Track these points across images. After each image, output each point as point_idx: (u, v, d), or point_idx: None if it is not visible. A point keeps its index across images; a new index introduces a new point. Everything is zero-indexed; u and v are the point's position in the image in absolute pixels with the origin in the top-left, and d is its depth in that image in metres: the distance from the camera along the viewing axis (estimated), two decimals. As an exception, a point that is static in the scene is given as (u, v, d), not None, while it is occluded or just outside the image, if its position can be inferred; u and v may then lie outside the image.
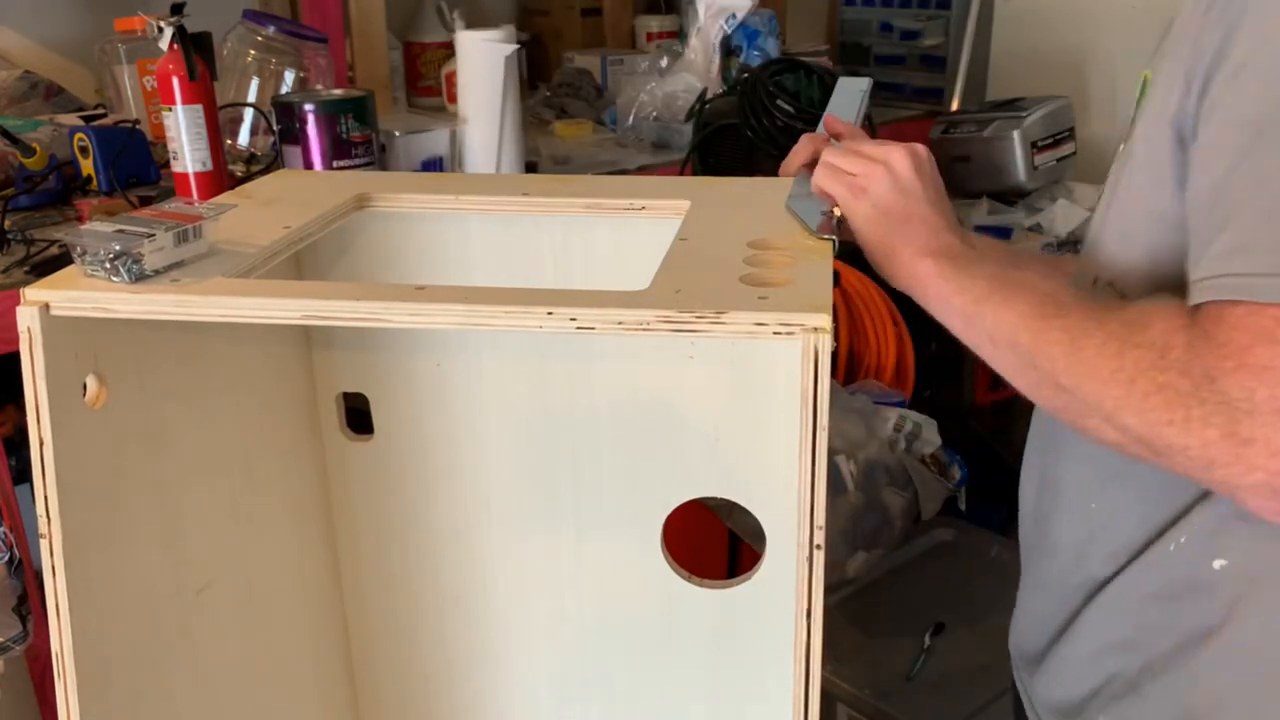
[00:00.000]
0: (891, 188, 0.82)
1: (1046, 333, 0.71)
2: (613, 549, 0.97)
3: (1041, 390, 0.73)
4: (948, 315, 0.78)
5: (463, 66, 1.62)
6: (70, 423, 0.67)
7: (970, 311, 0.76)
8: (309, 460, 0.99)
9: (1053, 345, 0.70)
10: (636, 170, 1.89)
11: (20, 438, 1.42)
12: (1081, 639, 0.86)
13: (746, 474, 0.90)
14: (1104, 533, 0.82)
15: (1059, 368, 0.69)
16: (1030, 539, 0.93)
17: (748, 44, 2.19)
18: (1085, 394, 0.68)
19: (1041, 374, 0.71)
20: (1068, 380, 0.69)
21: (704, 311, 0.61)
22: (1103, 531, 0.83)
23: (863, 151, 0.84)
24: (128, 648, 0.75)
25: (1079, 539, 0.85)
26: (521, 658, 1.04)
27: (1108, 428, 0.68)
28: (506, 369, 0.94)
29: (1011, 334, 0.73)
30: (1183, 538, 0.77)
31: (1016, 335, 0.72)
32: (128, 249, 0.66)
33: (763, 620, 0.93)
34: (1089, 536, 0.84)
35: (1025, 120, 2.07)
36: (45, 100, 1.86)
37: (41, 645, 1.28)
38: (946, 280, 0.77)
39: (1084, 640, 0.86)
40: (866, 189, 0.82)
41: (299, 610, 0.99)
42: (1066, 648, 0.88)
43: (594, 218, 0.88)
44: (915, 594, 1.75)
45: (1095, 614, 0.84)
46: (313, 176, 1.22)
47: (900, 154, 0.83)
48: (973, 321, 0.76)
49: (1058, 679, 0.89)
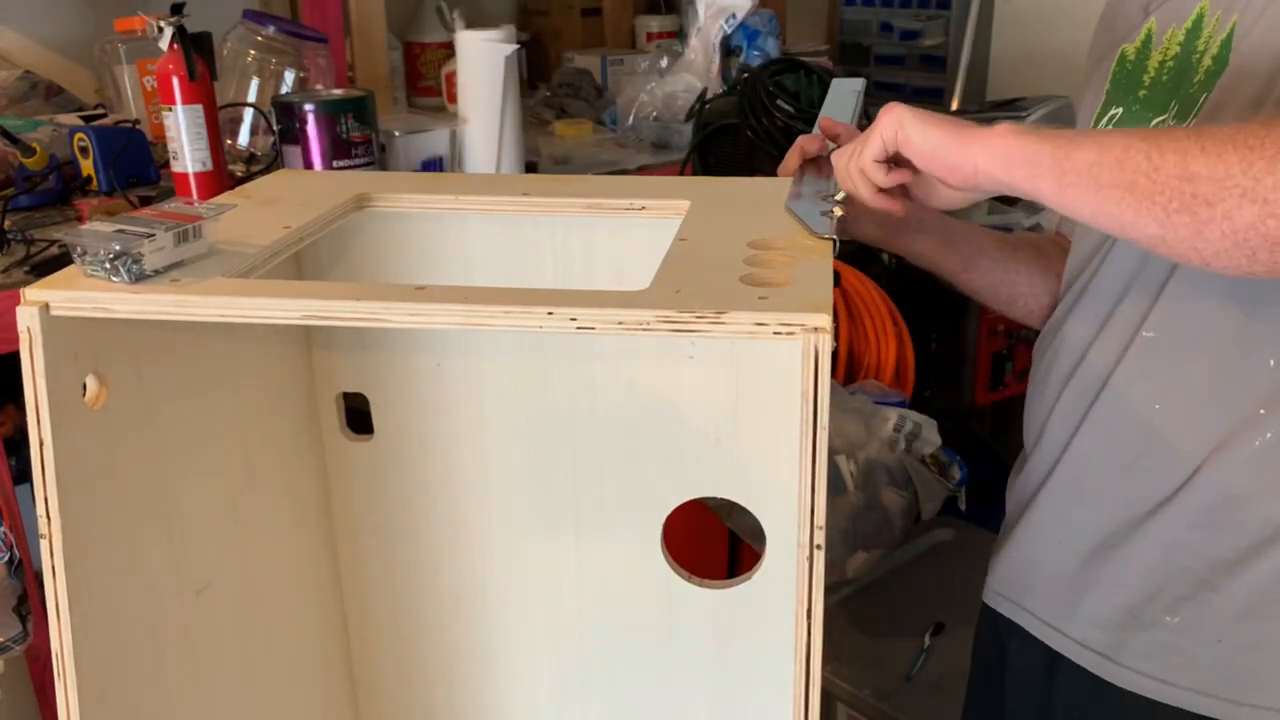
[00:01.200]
0: (916, 114, 0.80)
1: (1167, 135, 0.68)
2: (613, 549, 0.97)
3: (1156, 197, 0.68)
4: (1036, 170, 0.74)
5: (463, 66, 1.62)
6: (70, 423, 0.67)
7: (1066, 149, 0.72)
8: (309, 460, 0.99)
9: (1178, 140, 0.68)
10: (636, 170, 1.89)
11: (20, 438, 1.42)
12: (1145, 544, 0.88)
13: (746, 474, 0.90)
14: (1180, 438, 0.85)
15: (1190, 154, 0.66)
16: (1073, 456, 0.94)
17: (748, 44, 2.19)
18: (1226, 168, 0.65)
19: (1162, 173, 0.68)
20: (1202, 163, 0.66)
21: (704, 311, 0.61)
22: (1179, 437, 0.85)
23: (865, 133, 0.84)
24: (128, 648, 0.75)
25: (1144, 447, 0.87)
26: (521, 657, 1.04)
27: (1246, 203, 0.65)
28: (506, 369, 0.94)
29: (1121, 151, 0.69)
30: (1268, 433, 0.80)
31: (1129, 148, 0.69)
32: (128, 249, 0.66)
33: (763, 620, 0.93)
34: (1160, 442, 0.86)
35: (1025, 120, 2.07)
36: (45, 100, 1.86)
37: (41, 645, 1.28)
38: (1029, 137, 0.74)
39: (1148, 545, 0.88)
40: (901, 122, 0.80)
41: (299, 610, 0.99)
42: (1123, 555, 0.90)
43: (594, 218, 0.88)
44: (915, 594, 1.75)
45: (1164, 520, 0.87)
46: (313, 176, 1.22)
47: (893, 105, 0.82)
48: (1069, 159, 0.72)
49: (1114, 588, 0.91)
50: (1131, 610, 0.90)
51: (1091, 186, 0.71)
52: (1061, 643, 0.96)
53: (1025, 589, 1.00)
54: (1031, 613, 0.99)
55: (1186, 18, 0.89)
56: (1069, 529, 0.95)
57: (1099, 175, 0.71)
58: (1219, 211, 0.66)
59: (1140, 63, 0.93)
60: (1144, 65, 0.92)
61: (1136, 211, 0.70)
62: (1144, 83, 0.92)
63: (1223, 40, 0.85)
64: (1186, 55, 0.88)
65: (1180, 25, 0.89)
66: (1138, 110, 0.92)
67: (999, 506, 1.13)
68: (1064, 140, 0.73)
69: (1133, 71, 0.94)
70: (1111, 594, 0.92)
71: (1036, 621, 0.99)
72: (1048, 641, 0.97)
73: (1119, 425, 0.90)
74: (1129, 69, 0.94)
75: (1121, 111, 0.94)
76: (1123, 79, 0.95)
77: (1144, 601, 0.89)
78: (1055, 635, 0.97)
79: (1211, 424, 0.84)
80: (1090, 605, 0.94)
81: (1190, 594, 0.87)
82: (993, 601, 1.05)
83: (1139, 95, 0.92)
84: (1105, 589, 0.92)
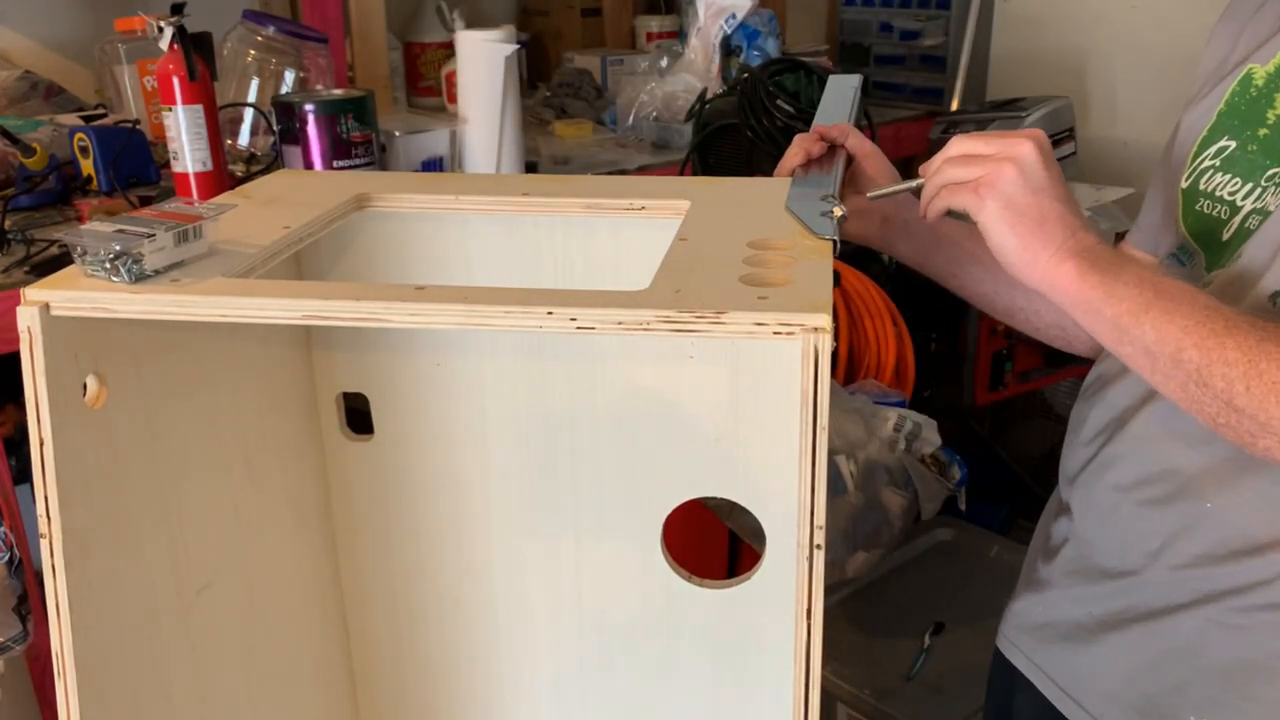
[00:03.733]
0: (1023, 186, 0.76)
1: (1220, 350, 0.68)
2: (613, 549, 0.97)
3: (1206, 408, 0.70)
4: (1096, 323, 0.74)
5: (463, 66, 1.62)
6: (70, 423, 0.67)
7: (1126, 323, 0.72)
8: (309, 460, 0.99)
9: (1229, 366, 0.67)
10: (636, 170, 1.89)
11: (20, 438, 1.42)
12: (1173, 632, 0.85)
13: (746, 474, 0.90)
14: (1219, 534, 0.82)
15: (1236, 390, 0.67)
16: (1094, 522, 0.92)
17: (748, 44, 2.19)
18: (1267, 417, 0.66)
19: (1211, 393, 0.69)
20: (1245, 402, 0.67)
21: (704, 311, 0.61)
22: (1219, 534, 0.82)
23: (983, 151, 0.78)
24: (128, 648, 0.75)
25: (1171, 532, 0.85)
26: (521, 657, 1.04)
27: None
28: (506, 369, 0.94)
29: (1175, 350, 0.69)
30: None
31: (1181, 352, 0.69)
32: (128, 249, 0.66)
33: (763, 620, 0.93)
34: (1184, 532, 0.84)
35: (1025, 120, 2.07)
36: (45, 100, 1.86)
37: (41, 645, 1.28)
38: (1094, 287, 0.73)
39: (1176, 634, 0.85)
40: (996, 186, 0.76)
41: (299, 610, 0.99)
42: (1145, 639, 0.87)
43: (594, 218, 0.88)
44: (915, 594, 1.75)
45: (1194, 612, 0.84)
46: (313, 176, 1.22)
47: (1028, 147, 0.76)
48: (1128, 333, 0.72)
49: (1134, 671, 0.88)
50: (1153, 698, 0.86)
51: (1147, 367, 0.73)
52: (1074, 711, 0.92)
53: (1039, 644, 0.97)
54: (1044, 671, 0.96)
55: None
56: (1094, 599, 0.92)
57: (1155, 361, 0.72)
58: (1260, 444, 0.68)
59: (1269, 93, 0.84)
60: (1272, 98, 0.83)
61: (1188, 407, 0.72)
62: (1268, 120, 0.83)
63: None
64: None
65: None
66: (1254, 152, 0.83)
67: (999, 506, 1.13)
68: (1126, 306, 0.72)
69: (1256, 100, 0.84)
70: (1133, 675, 0.88)
71: (1049, 682, 0.95)
72: (1058, 705, 0.94)
73: (1164, 513, 0.86)
74: (1252, 96, 0.85)
75: (1234, 146, 0.85)
76: (1243, 106, 0.85)
77: (1168, 694, 0.85)
78: (1068, 702, 0.93)
79: (1253, 525, 0.81)
80: (1107, 680, 0.90)
81: (1219, 696, 0.83)
82: (1005, 649, 1.01)
83: (1258, 134, 0.83)
84: (1126, 667, 0.88)
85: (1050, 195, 0.76)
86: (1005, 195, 0.76)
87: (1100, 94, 2.33)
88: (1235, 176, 0.84)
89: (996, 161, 0.77)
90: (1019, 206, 0.76)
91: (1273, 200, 0.80)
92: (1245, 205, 0.82)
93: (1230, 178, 0.84)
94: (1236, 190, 0.83)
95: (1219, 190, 0.85)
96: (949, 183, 0.80)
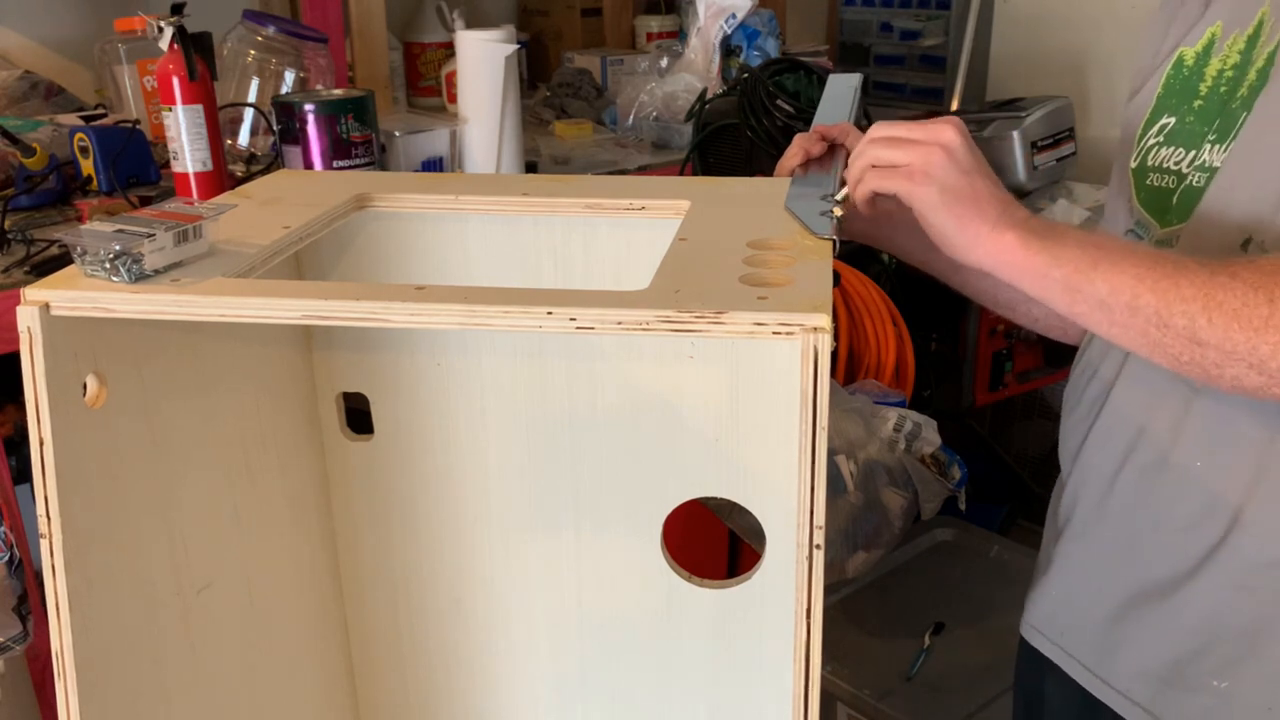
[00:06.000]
0: (954, 169, 0.78)
1: (1175, 290, 0.69)
2: (613, 549, 0.97)
3: (1168, 349, 0.71)
4: (1046, 288, 0.75)
5: (463, 66, 1.62)
6: (70, 423, 0.67)
7: (1076, 282, 0.73)
8: (309, 460, 0.99)
9: (1186, 302, 0.69)
10: (636, 170, 1.89)
11: (20, 438, 1.42)
12: (1189, 599, 0.86)
13: (746, 474, 0.90)
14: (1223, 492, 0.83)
15: (1198, 324, 0.68)
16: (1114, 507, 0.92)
17: (748, 44, 2.19)
18: (1232, 345, 0.67)
19: (1173, 332, 0.70)
20: (1208, 334, 0.68)
21: (703, 311, 0.61)
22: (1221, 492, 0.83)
23: (909, 137, 0.80)
24: (128, 648, 0.75)
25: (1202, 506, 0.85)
26: (521, 657, 1.04)
27: (1252, 374, 0.68)
28: (506, 369, 0.94)
29: (1131, 298, 0.71)
30: None
31: (1138, 299, 0.71)
32: (128, 249, 0.66)
33: (763, 620, 0.93)
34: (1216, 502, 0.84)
35: (1025, 120, 2.07)
36: (45, 100, 1.86)
37: (41, 645, 1.28)
38: (1038, 253, 0.75)
39: (1192, 601, 0.86)
40: (929, 172, 0.78)
41: (299, 610, 0.99)
42: (1165, 608, 0.88)
43: (594, 218, 0.88)
44: (915, 594, 1.75)
45: (1208, 577, 0.85)
46: (313, 176, 1.22)
47: (952, 132, 0.79)
48: (1080, 291, 0.73)
49: (1157, 642, 0.89)
50: (1176, 666, 0.88)
51: (1104, 321, 0.74)
52: (1102, 690, 0.93)
53: (1063, 628, 0.98)
54: (1070, 654, 0.97)
55: (1249, 23, 0.85)
56: (1108, 575, 0.93)
57: (1111, 314, 0.73)
58: (1227, 374, 0.70)
59: (1198, 69, 0.89)
60: (1202, 73, 0.88)
61: (1149, 352, 0.73)
62: (1200, 92, 0.88)
63: (1270, 53, 0.82)
64: (1245, 66, 0.84)
65: (1243, 31, 0.85)
66: (1191, 123, 0.88)
67: (999, 506, 1.13)
68: (1073, 266, 0.73)
69: (1189, 78, 0.89)
70: (1154, 647, 0.89)
71: (1075, 664, 0.96)
72: (1087, 686, 0.95)
73: (1156, 478, 0.88)
74: (1185, 75, 0.90)
75: (1174, 122, 0.89)
76: (1178, 85, 0.90)
77: (1189, 659, 0.87)
78: (1096, 682, 0.94)
79: (1253, 479, 0.82)
80: (1131, 656, 0.91)
81: (1238, 658, 0.84)
82: (1030, 637, 1.02)
83: (1194, 106, 0.88)
84: (1147, 641, 0.90)
85: (980, 174, 0.79)
86: (939, 180, 0.78)
87: (1100, 94, 2.33)
88: (1179, 148, 0.88)
89: (925, 147, 0.78)
90: (954, 189, 0.78)
91: (1213, 156, 0.84)
92: (1190, 172, 0.87)
93: (1174, 149, 0.89)
94: (1181, 160, 0.88)
95: (1165, 163, 0.89)
96: (876, 164, 0.81)
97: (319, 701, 1.04)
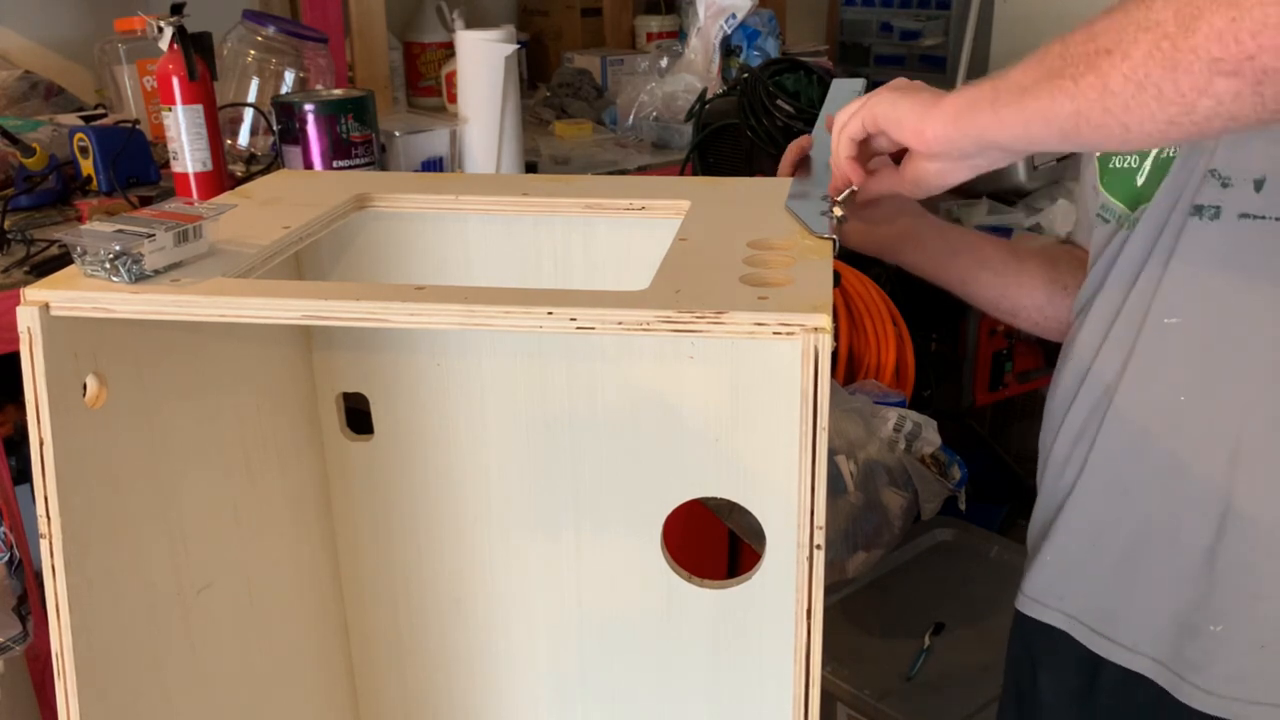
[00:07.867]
0: (898, 91, 0.82)
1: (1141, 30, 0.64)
2: (613, 549, 0.97)
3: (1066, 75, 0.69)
4: (1028, 126, 0.72)
5: (463, 66, 1.62)
6: (70, 423, 0.67)
7: (994, 83, 0.74)
8: (309, 460, 0.99)
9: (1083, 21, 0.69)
10: (636, 170, 1.89)
11: (20, 438, 1.42)
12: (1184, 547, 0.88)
13: (746, 474, 0.90)
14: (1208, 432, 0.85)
15: (1093, 22, 0.68)
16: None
17: (748, 44, 2.19)
18: (1126, 11, 0.65)
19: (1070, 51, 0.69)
20: (1103, 24, 0.67)
21: (704, 312, 0.61)
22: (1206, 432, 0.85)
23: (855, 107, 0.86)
24: (128, 648, 0.75)
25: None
26: (521, 657, 1.04)
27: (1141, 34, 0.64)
28: (506, 369, 0.94)
29: (1041, 54, 0.71)
30: None
31: (1045, 52, 0.71)
32: (128, 249, 0.66)
33: (763, 620, 0.93)
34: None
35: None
36: (45, 100, 1.86)
37: (41, 645, 1.28)
38: (1004, 95, 0.74)
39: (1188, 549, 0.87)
40: (876, 95, 0.83)
41: (299, 610, 0.99)
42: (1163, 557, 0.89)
43: (594, 218, 0.88)
44: (915, 594, 1.75)
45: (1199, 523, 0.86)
46: (313, 176, 1.22)
47: (872, 94, 0.85)
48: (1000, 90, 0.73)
49: (1159, 594, 0.90)
50: (1177, 618, 0.89)
51: (1017, 97, 0.72)
52: (1110, 649, 0.94)
53: (1064, 593, 0.98)
54: (1074, 617, 0.97)
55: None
56: (1104, 531, 0.94)
57: (1022, 81, 0.72)
58: (1117, 55, 0.65)
59: None
60: None
61: (1052, 95, 0.70)
62: None
63: None
64: None
65: None
66: None
67: (999, 506, 1.13)
68: (1039, 87, 0.72)
69: None
70: (1158, 599, 0.90)
71: (1080, 626, 0.97)
72: (1092, 647, 0.96)
73: (1139, 424, 0.89)
74: None
75: None
76: None
77: (1190, 610, 0.88)
78: (1102, 641, 0.95)
79: (1237, 416, 0.83)
80: (1136, 610, 0.92)
81: (1234, 602, 0.86)
82: (1028, 608, 1.02)
83: None
84: (1150, 593, 0.91)
85: (924, 88, 0.83)
86: (888, 94, 0.83)
87: (1100, 94, 2.33)
88: None
89: (859, 106, 0.84)
90: (902, 92, 0.82)
91: None
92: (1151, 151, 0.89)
93: None
94: None
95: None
96: (853, 137, 0.86)
97: (319, 701, 1.04)
